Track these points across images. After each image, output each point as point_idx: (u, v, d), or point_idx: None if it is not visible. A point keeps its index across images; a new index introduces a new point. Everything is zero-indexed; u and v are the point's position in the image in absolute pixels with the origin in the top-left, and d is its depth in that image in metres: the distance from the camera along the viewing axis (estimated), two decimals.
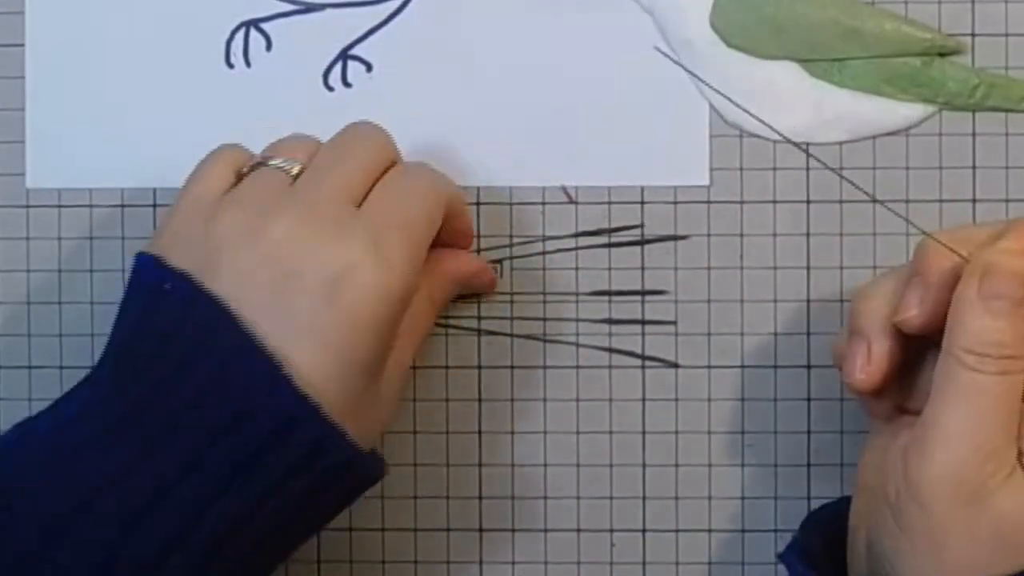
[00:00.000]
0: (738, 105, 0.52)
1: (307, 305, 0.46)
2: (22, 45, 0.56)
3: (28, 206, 0.56)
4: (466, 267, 0.53)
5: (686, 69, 0.54)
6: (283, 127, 0.54)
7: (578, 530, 0.55)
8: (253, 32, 0.55)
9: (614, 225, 0.55)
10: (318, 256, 0.46)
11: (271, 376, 0.45)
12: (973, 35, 0.54)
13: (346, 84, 0.55)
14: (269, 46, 0.55)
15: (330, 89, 0.55)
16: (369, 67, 0.55)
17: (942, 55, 0.53)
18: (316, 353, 0.45)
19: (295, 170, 0.49)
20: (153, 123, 0.55)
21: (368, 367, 0.47)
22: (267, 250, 0.46)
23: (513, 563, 0.55)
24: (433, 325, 0.53)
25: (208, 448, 0.45)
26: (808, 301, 0.54)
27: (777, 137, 0.54)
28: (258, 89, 0.55)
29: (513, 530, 0.55)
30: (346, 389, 0.46)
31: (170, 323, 0.46)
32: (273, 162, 0.49)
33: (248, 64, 0.55)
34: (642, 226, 0.54)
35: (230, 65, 0.55)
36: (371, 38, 0.55)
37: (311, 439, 0.45)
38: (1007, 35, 0.54)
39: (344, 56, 0.55)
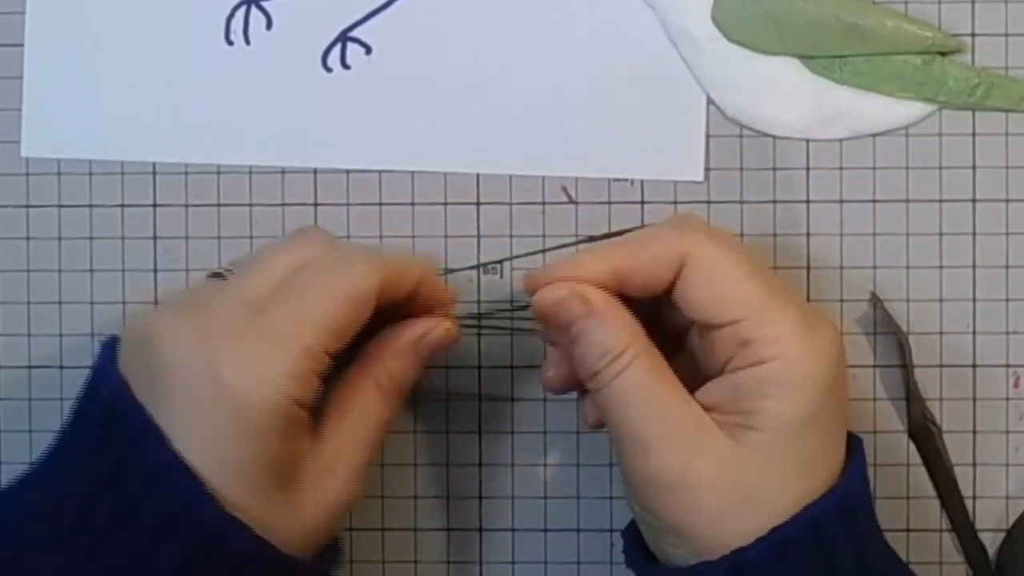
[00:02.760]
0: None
1: (182, 409, 0.44)
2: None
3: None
4: (412, 334, 0.49)
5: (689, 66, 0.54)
6: (280, 106, 0.54)
7: (578, 530, 0.55)
8: (254, 10, 0.55)
9: (614, 226, 0.54)
10: (190, 361, 0.44)
11: (165, 466, 0.44)
12: (973, 35, 0.54)
13: (345, 66, 0.55)
14: (269, 25, 0.55)
15: (328, 70, 0.55)
16: (368, 50, 0.55)
17: (942, 54, 0.53)
18: (196, 458, 0.44)
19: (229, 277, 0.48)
20: (150, 97, 0.55)
21: (256, 474, 0.45)
22: (153, 350, 0.45)
23: (513, 563, 0.55)
24: (395, 411, 0.49)
25: (105, 537, 0.44)
26: (808, 301, 0.54)
27: (777, 135, 0.54)
28: (256, 68, 0.55)
29: (513, 530, 0.55)
30: (238, 495, 0.44)
31: (95, 436, 0.45)
32: (217, 270, 0.49)
33: (247, 42, 0.55)
34: (642, 227, 0.54)
35: (229, 42, 0.55)
36: (371, 21, 0.55)
37: (206, 529, 0.44)
38: (1007, 35, 0.54)
39: (344, 38, 0.55)
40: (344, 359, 0.48)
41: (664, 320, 0.49)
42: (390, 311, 0.48)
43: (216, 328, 0.45)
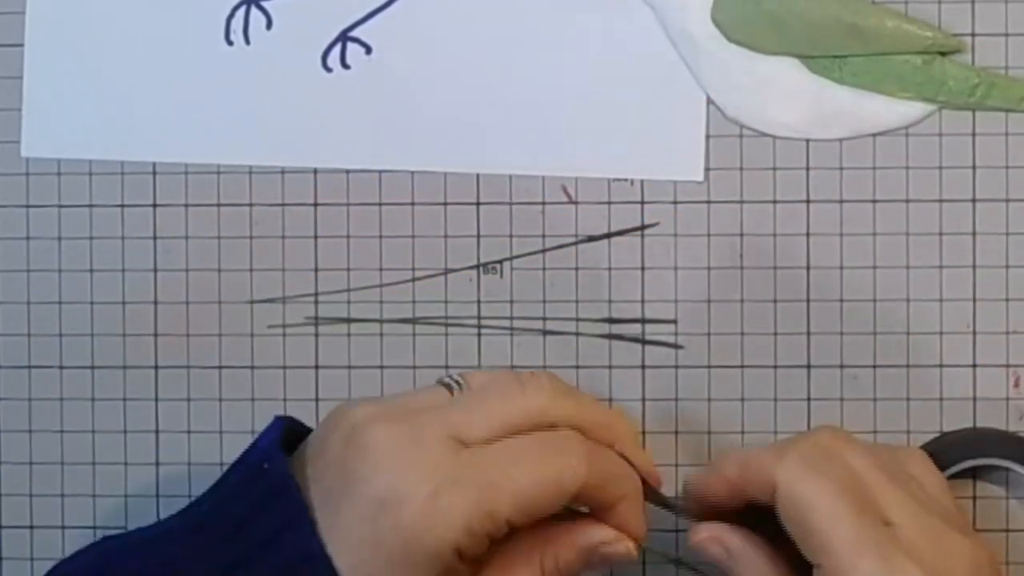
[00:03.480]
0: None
1: (354, 516, 0.44)
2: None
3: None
4: (591, 537, 0.48)
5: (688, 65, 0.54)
6: (280, 106, 0.54)
7: None
8: (254, 10, 0.55)
9: (614, 226, 0.54)
10: (381, 474, 0.44)
11: (310, 555, 0.44)
12: (973, 35, 0.54)
13: (345, 66, 0.55)
14: (269, 25, 0.55)
15: (328, 70, 0.55)
16: (368, 49, 0.55)
17: (942, 54, 0.53)
18: (349, 567, 0.44)
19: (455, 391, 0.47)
20: (150, 97, 0.55)
21: None
22: (353, 447, 0.45)
23: None
24: None
25: None
26: (808, 301, 0.54)
27: (777, 135, 0.54)
28: (256, 67, 0.55)
29: None
30: None
31: (252, 505, 0.46)
32: (447, 380, 0.48)
33: (247, 42, 0.55)
34: (642, 226, 0.54)
35: (229, 42, 0.55)
36: (371, 21, 0.55)
37: None
38: (1007, 35, 0.54)
39: (344, 38, 0.55)
40: None
41: None
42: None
43: (422, 458, 0.44)
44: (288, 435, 0.47)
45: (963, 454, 0.53)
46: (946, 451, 0.53)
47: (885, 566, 0.44)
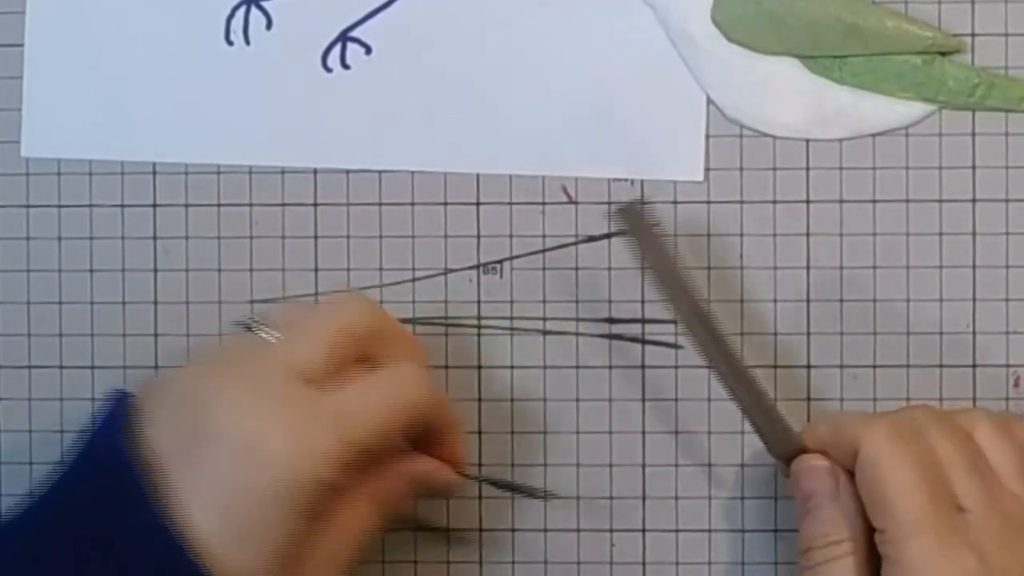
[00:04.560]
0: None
1: (216, 469, 0.44)
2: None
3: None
4: (418, 468, 0.50)
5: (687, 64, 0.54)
6: (280, 106, 0.54)
7: (578, 530, 0.55)
8: (254, 10, 0.55)
9: (614, 226, 0.54)
10: (239, 422, 0.45)
11: (166, 539, 0.44)
12: (973, 35, 0.54)
13: (345, 66, 0.55)
14: (269, 25, 0.55)
15: (328, 70, 0.55)
16: (368, 50, 0.55)
17: (942, 54, 0.53)
18: (215, 518, 0.44)
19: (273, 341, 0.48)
20: (150, 97, 0.55)
21: (268, 547, 0.45)
22: (198, 407, 0.45)
23: (513, 563, 0.55)
24: (375, 528, 0.49)
25: None
26: (808, 301, 0.54)
27: (777, 135, 0.54)
28: (256, 68, 0.55)
29: (513, 530, 0.55)
30: (245, 565, 0.44)
31: (100, 485, 0.46)
32: (258, 330, 0.48)
33: (247, 42, 0.55)
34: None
35: (229, 42, 0.55)
36: (371, 21, 0.55)
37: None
38: (1007, 35, 0.54)
39: (344, 38, 0.55)
40: None
41: None
42: None
43: (269, 396, 0.45)
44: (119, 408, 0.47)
45: None
46: None
47: (941, 549, 0.45)
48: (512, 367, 0.55)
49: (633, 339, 0.55)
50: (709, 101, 0.54)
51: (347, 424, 0.46)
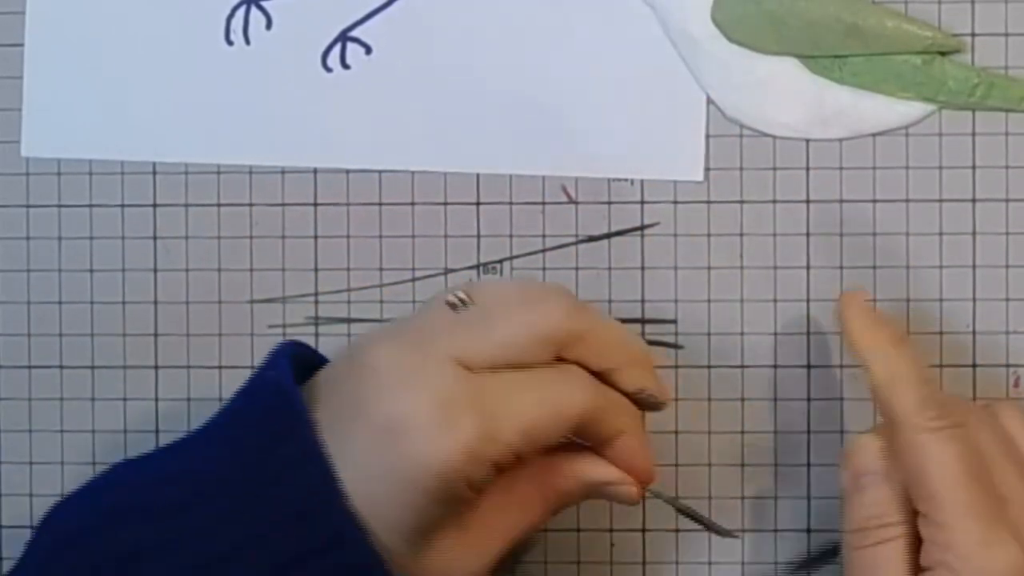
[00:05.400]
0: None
1: (364, 441, 0.44)
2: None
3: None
4: (596, 472, 0.48)
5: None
6: (280, 106, 0.54)
7: (578, 530, 0.55)
8: (254, 10, 0.55)
9: (614, 226, 0.54)
10: (387, 401, 0.44)
11: (326, 488, 0.44)
12: (973, 34, 0.54)
13: (344, 66, 0.55)
14: (269, 25, 0.55)
15: (328, 70, 0.55)
16: (368, 49, 0.55)
17: (942, 54, 0.53)
18: (363, 485, 0.44)
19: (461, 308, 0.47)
20: (150, 97, 0.55)
21: (400, 529, 0.45)
22: (359, 371, 0.45)
23: (513, 563, 0.55)
24: (540, 523, 0.48)
25: (259, 547, 0.44)
26: (808, 301, 0.54)
27: (777, 135, 0.54)
28: (256, 67, 0.55)
29: None
30: (386, 532, 0.44)
31: (255, 415, 0.46)
32: (452, 299, 0.47)
33: (247, 42, 0.55)
34: (642, 226, 0.54)
35: (229, 42, 0.55)
36: (371, 21, 0.55)
37: (353, 558, 0.44)
38: (1007, 35, 0.54)
39: (344, 38, 0.55)
40: None
41: None
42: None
43: (427, 382, 0.44)
44: (295, 361, 0.47)
45: None
46: None
47: (987, 534, 0.45)
48: None
49: None
50: (709, 101, 0.54)
51: (494, 419, 0.44)
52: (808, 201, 0.55)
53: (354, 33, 0.55)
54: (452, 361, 0.45)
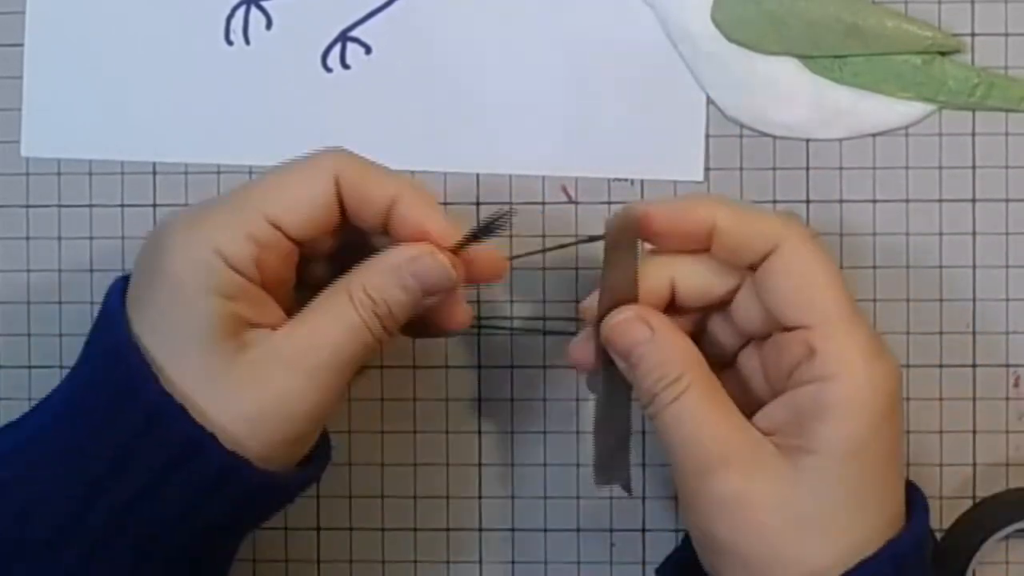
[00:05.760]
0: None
1: (145, 281, 0.46)
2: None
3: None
4: (393, 256, 0.47)
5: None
6: (280, 106, 0.54)
7: (578, 530, 0.55)
8: (253, 10, 0.55)
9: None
10: (156, 229, 0.46)
11: (119, 348, 0.45)
12: (973, 34, 0.54)
13: (344, 66, 0.55)
14: (269, 25, 0.55)
15: (328, 70, 0.55)
16: (368, 49, 0.55)
17: (942, 54, 0.53)
18: (153, 316, 0.45)
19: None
20: (150, 97, 0.55)
21: (199, 327, 0.45)
22: (153, 251, 0.46)
23: (513, 563, 0.55)
24: (371, 332, 0.46)
25: (90, 445, 0.45)
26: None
27: (777, 135, 0.54)
28: (256, 67, 0.55)
29: (513, 530, 0.55)
30: (188, 355, 0.45)
31: (91, 337, 0.47)
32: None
33: (247, 42, 0.55)
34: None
35: (229, 42, 0.55)
36: (371, 21, 0.55)
37: (146, 410, 0.44)
38: (1007, 35, 0.54)
39: (343, 38, 0.55)
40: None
41: (713, 339, 0.49)
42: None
43: (182, 211, 0.46)
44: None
45: (1007, 519, 0.53)
46: (990, 515, 0.53)
47: (873, 341, 0.45)
48: (512, 367, 0.55)
49: None
50: (709, 101, 0.54)
51: (237, 200, 0.46)
52: (808, 201, 0.55)
53: (354, 33, 0.55)
54: (229, 202, 0.46)
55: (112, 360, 0.45)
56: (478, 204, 0.55)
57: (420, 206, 0.47)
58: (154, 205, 0.56)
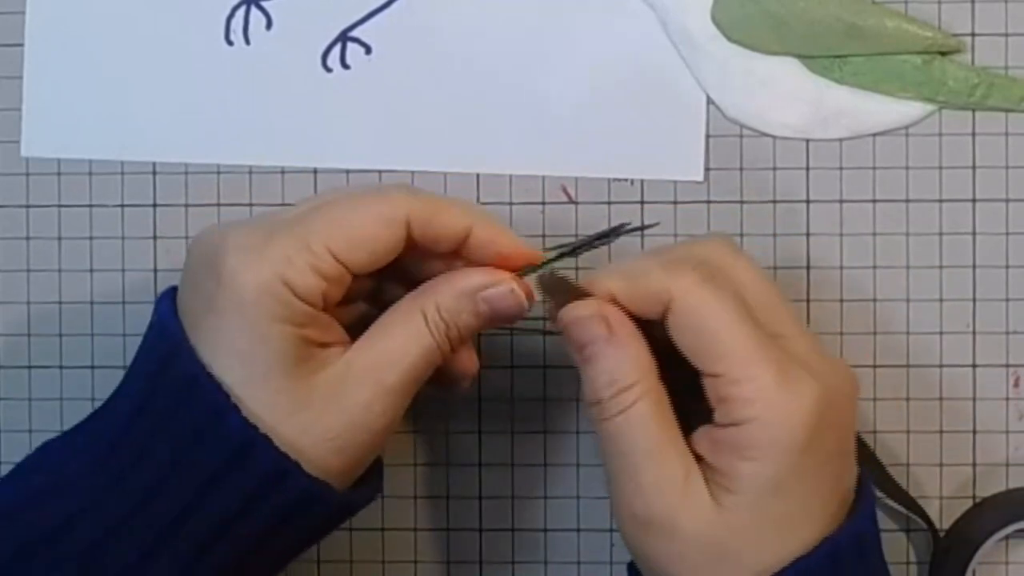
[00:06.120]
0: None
1: (204, 305, 0.45)
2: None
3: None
4: (465, 281, 0.47)
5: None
6: (280, 106, 0.54)
7: (578, 530, 0.55)
8: (254, 10, 0.55)
9: (614, 226, 0.54)
10: (211, 249, 0.46)
11: (192, 380, 0.45)
12: (973, 34, 0.54)
13: (344, 66, 0.55)
14: (269, 25, 0.55)
15: (328, 70, 0.55)
16: (368, 50, 0.55)
17: (942, 54, 0.53)
18: (221, 344, 0.45)
19: None
20: (150, 97, 0.55)
21: (270, 353, 0.45)
22: (191, 256, 0.47)
23: (513, 563, 0.55)
24: (440, 351, 0.47)
25: (171, 474, 0.45)
26: (808, 301, 0.54)
27: (777, 135, 0.54)
28: (256, 67, 0.55)
29: (513, 530, 0.55)
30: (261, 383, 0.45)
31: (150, 358, 0.47)
32: None
33: (247, 42, 0.55)
34: (642, 226, 0.54)
35: (229, 42, 0.55)
36: (371, 21, 0.55)
37: (232, 443, 0.45)
38: (1007, 35, 0.54)
39: (344, 38, 0.55)
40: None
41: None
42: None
43: (236, 227, 0.46)
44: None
45: (1007, 519, 0.53)
46: (990, 515, 0.53)
47: (783, 376, 0.44)
48: (512, 367, 0.55)
49: None
50: (709, 101, 0.54)
51: (300, 228, 0.46)
52: (808, 201, 0.55)
53: (354, 33, 0.55)
54: (271, 213, 0.46)
55: (187, 393, 0.45)
56: (478, 203, 0.55)
57: (496, 233, 0.48)
58: (154, 205, 0.56)
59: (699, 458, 0.45)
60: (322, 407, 0.46)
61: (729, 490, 0.44)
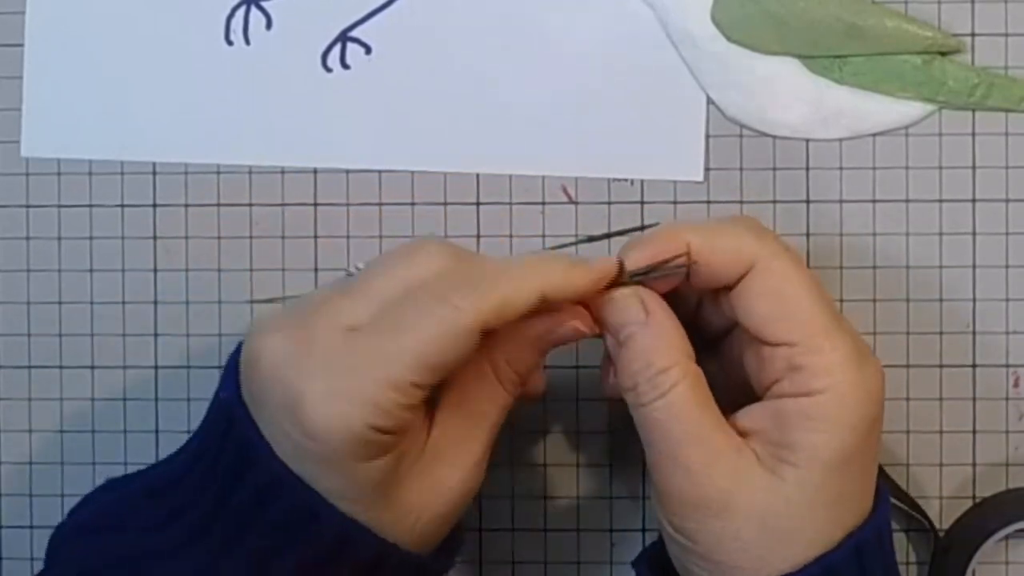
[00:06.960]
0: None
1: (274, 430, 0.44)
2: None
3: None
4: (533, 329, 0.46)
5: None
6: (280, 106, 0.54)
7: (578, 530, 0.55)
8: (254, 10, 0.55)
9: (614, 226, 0.54)
10: (277, 384, 0.44)
11: (278, 479, 0.44)
12: (973, 34, 0.54)
13: (344, 66, 0.55)
14: (269, 25, 0.55)
15: (328, 70, 0.55)
16: (368, 50, 0.55)
17: (942, 54, 0.53)
18: (298, 468, 0.44)
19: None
20: (150, 97, 0.55)
21: (356, 484, 0.44)
22: (253, 367, 0.45)
23: (513, 563, 0.55)
24: (513, 399, 0.47)
25: (223, 553, 0.45)
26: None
27: (777, 135, 0.54)
28: (256, 67, 0.55)
29: (513, 530, 0.55)
30: (347, 503, 0.44)
31: (216, 433, 0.46)
32: (351, 270, 0.48)
33: (247, 42, 0.55)
34: (642, 226, 0.54)
35: (229, 42, 0.55)
36: (371, 21, 0.55)
37: (329, 535, 0.44)
38: (1007, 35, 0.54)
39: (343, 38, 0.55)
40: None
41: (701, 321, 0.49)
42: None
43: (309, 357, 0.44)
44: None
45: (1007, 519, 0.53)
46: (990, 515, 0.53)
47: (859, 352, 0.45)
48: None
49: None
50: (709, 101, 0.54)
51: (381, 368, 0.43)
52: (808, 201, 0.55)
53: (354, 33, 0.55)
54: (336, 326, 0.44)
55: (272, 497, 0.44)
56: (478, 204, 0.55)
57: (568, 291, 0.45)
58: (154, 205, 0.56)
59: (744, 435, 0.45)
60: (410, 501, 0.45)
61: (791, 463, 0.44)
